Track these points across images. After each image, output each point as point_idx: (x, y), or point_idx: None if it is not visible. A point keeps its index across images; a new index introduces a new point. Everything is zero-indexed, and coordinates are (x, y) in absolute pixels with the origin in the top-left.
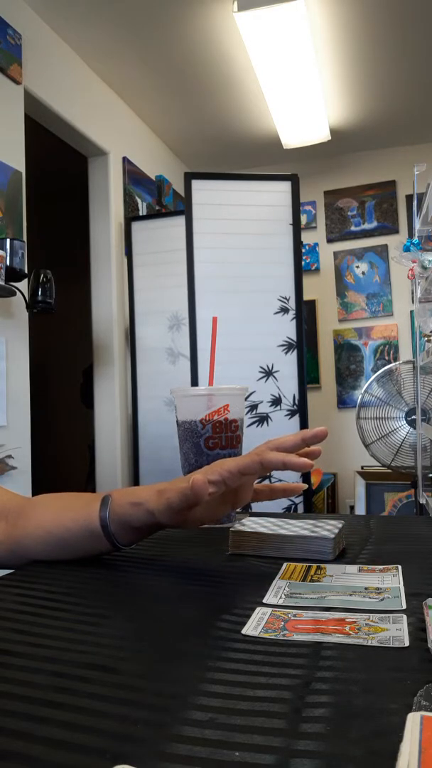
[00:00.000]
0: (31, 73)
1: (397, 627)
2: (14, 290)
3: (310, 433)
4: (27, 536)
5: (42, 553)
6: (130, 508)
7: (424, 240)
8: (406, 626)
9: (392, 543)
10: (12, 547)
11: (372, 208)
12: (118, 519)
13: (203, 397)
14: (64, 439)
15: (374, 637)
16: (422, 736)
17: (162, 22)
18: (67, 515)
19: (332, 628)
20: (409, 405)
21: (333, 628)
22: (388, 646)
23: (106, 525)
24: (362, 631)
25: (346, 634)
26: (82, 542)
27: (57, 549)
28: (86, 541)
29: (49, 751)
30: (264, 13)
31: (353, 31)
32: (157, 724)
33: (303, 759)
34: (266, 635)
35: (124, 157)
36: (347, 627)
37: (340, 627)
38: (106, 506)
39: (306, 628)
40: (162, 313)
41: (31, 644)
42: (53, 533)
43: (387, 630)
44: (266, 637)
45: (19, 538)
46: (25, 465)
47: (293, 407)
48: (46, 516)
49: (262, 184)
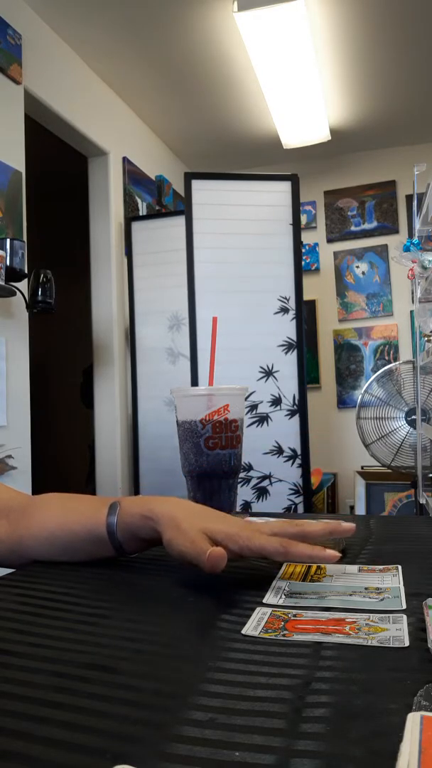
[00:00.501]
0: (31, 73)
1: (397, 627)
2: (14, 290)
3: (341, 529)
4: (30, 537)
5: (44, 554)
6: (140, 520)
7: (424, 240)
8: (406, 626)
9: (392, 543)
10: (13, 546)
11: (372, 208)
12: (127, 528)
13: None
14: (64, 439)
15: (374, 637)
16: (422, 736)
17: (162, 22)
18: (72, 518)
19: (332, 628)
20: (409, 405)
21: (333, 628)
22: (388, 646)
23: (113, 532)
24: (362, 631)
25: (346, 634)
26: (87, 547)
27: (60, 551)
28: (91, 546)
29: (49, 751)
30: (264, 13)
31: (353, 31)
32: (157, 724)
33: (303, 759)
34: (266, 635)
35: (124, 157)
36: (347, 627)
37: (340, 627)
38: (115, 513)
39: (306, 628)
40: (162, 313)
41: (31, 644)
42: (57, 536)
43: (387, 630)
44: (266, 637)
45: (21, 538)
46: (25, 465)
47: (293, 407)
48: (50, 517)
49: (262, 184)
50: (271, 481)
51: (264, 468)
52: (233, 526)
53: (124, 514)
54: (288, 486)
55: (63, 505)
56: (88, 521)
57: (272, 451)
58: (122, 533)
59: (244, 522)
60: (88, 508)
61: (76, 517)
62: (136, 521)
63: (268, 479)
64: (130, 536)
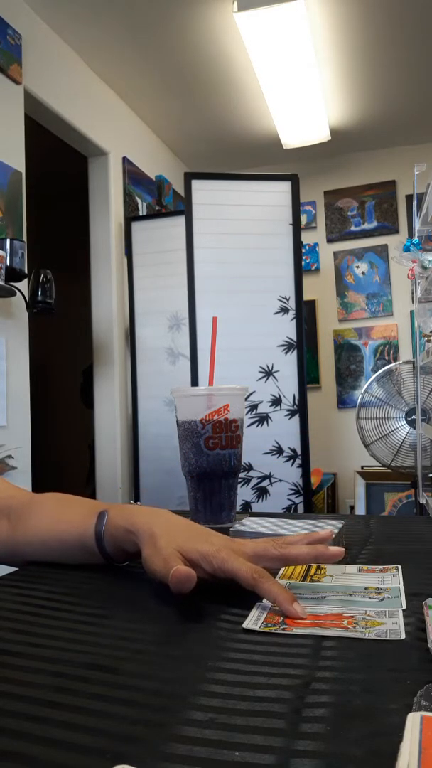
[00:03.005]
0: (31, 73)
1: (394, 621)
2: (14, 290)
3: (327, 555)
4: (25, 543)
5: (41, 558)
6: (123, 533)
7: (424, 240)
8: (402, 620)
9: (392, 543)
10: (13, 549)
11: (372, 208)
12: (112, 540)
13: (203, 397)
14: (64, 439)
15: (371, 631)
16: (422, 736)
17: (162, 22)
18: (62, 527)
19: (330, 623)
20: (409, 405)
21: (331, 622)
22: (385, 639)
23: (101, 542)
24: (360, 625)
25: (344, 628)
26: (77, 554)
27: (55, 556)
28: (81, 555)
29: (49, 751)
30: (264, 13)
31: (353, 31)
32: (157, 724)
33: (303, 759)
34: (266, 629)
35: (124, 157)
36: (345, 621)
37: (338, 621)
38: (102, 523)
39: (305, 622)
40: (162, 313)
41: (31, 644)
42: (49, 544)
43: (384, 624)
44: (266, 631)
45: (17, 543)
46: (25, 465)
47: (293, 407)
48: (42, 523)
49: (262, 184)
50: (271, 481)
51: (264, 468)
52: (211, 545)
53: (110, 526)
54: (288, 486)
55: (57, 510)
56: (77, 530)
57: (272, 451)
58: (109, 545)
59: (226, 541)
60: (78, 515)
61: (66, 526)
62: (120, 534)
63: (268, 479)
64: (116, 547)
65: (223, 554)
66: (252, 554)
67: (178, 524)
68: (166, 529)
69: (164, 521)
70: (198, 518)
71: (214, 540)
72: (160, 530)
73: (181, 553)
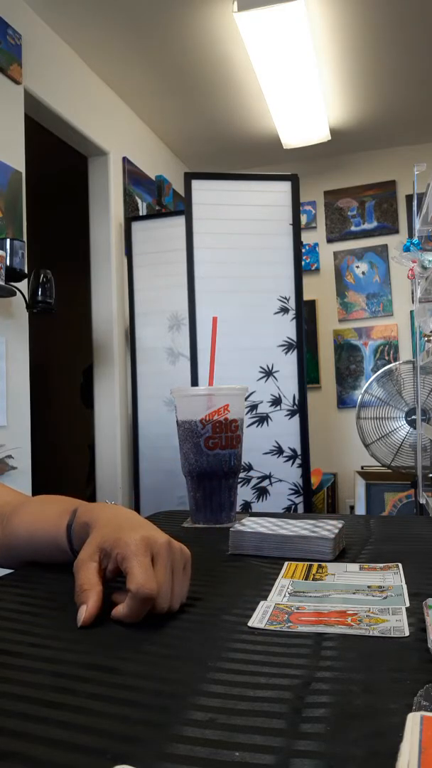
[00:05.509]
0: (31, 73)
1: (397, 618)
2: (14, 290)
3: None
4: (11, 547)
5: (28, 559)
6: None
7: (424, 240)
8: (405, 617)
9: (392, 543)
10: (3, 552)
11: (372, 208)
12: (78, 537)
13: (203, 397)
14: (64, 439)
15: (375, 628)
16: (422, 736)
17: (162, 22)
18: (38, 526)
19: (334, 620)
20: (409, 405)
21: (335, 620)
22: (389, 636)
23: (71, 541)
24: (364, 622)
25: (348, 626)
26: (56, 554)
27: (38, 557)
28: (59, 554)
29: (49, 751)
30: (264, 13)
31: (353, 31)
32: (157, 724)
33: (303, 759)
34: (271, 627)
35: (124, 157)
36: (349, 618)
37: (342, 619)
38: (73, 519)
39: (309, 620)
40: (162, 313)
41: (31, 644)
42: (29, 545)
43: (387, 621)
44: (272, 629)
45: (6, 545)
46: (25, 465)
47: (293, 407)
48: (22, 527)
49: (262, 184)
50: (271, 481)
51: (264, 468)
52: (132, 537)
53: (76, 523)
54: (288, 486)
55: (37, 509)
56: (52, 527)
57: (272, 451)
58: (76, 541)
59: (151, 540)
60: (54, 513)
61: (43, 524)
62: (81, 529)
63: (268, 479)
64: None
65: (130, 549)
66: (164, 568)
67: (119, 515)
68: (105, 521)
69: (108, 513)
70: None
71: (146, 531)
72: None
73: (101, 547)
